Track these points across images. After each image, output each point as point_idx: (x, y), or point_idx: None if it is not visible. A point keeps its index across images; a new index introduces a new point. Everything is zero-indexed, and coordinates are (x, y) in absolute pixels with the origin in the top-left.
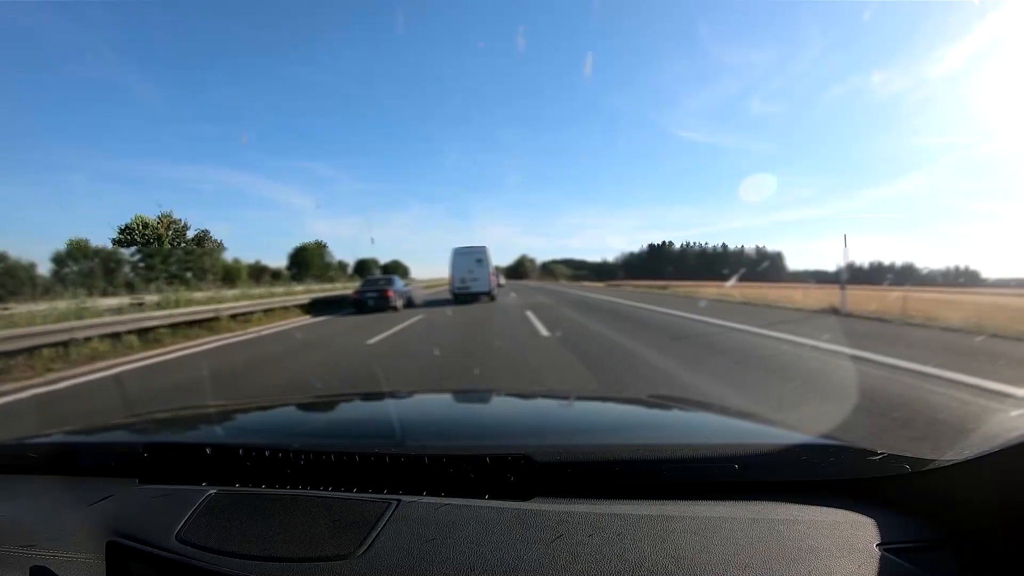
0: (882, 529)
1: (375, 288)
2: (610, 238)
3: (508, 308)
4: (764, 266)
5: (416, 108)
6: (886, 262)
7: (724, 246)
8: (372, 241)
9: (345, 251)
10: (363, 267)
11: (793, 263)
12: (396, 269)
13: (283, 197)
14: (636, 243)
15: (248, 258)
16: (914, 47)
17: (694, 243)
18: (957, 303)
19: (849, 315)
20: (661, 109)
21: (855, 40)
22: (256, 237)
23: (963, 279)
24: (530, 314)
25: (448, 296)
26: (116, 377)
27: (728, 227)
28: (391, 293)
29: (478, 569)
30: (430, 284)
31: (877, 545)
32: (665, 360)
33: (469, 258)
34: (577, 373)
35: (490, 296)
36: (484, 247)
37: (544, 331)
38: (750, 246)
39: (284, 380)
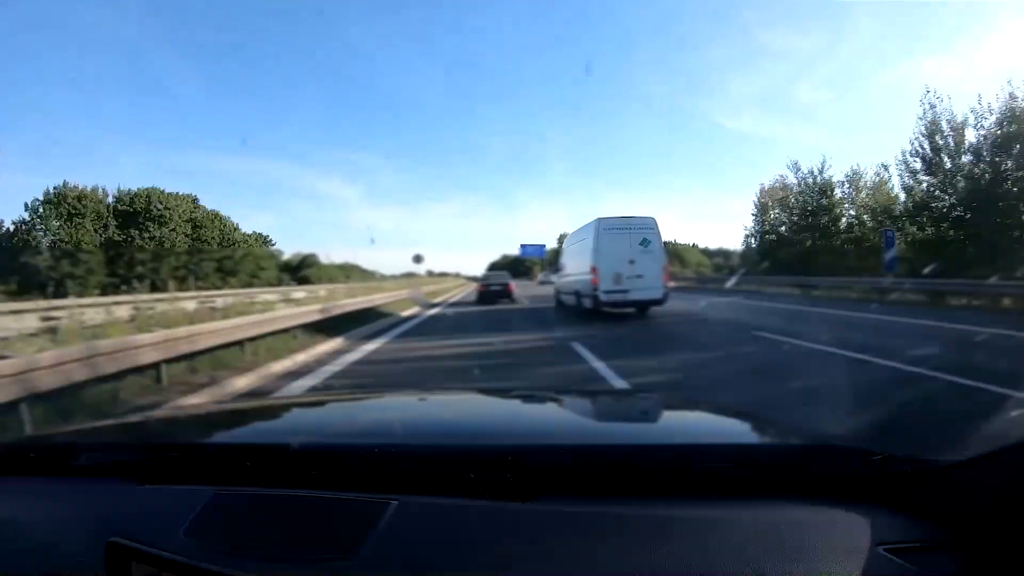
0: (882, 529)
1: (498, 283)
2: None
3: None
4: None
5: (459, 96)
6: None
7: None
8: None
9: (391, 241)
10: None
11: None
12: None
13: (327, 188)
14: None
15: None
16: (966, 33)
17: None
18: None
19: None
20: (705, 96)
21: (906, 23)
22: (303, 228)
23: None
24: None
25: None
26: None
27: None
28: (512, 287)
29: (478, 569)
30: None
31: (877, 545)
32: None
33: (627, 238)
34: None
35: (642, 306)
36: (652, 219)
37: None
38: None
39: None
